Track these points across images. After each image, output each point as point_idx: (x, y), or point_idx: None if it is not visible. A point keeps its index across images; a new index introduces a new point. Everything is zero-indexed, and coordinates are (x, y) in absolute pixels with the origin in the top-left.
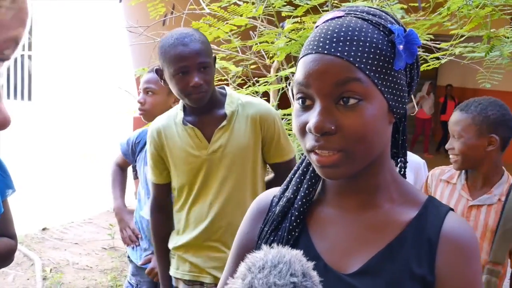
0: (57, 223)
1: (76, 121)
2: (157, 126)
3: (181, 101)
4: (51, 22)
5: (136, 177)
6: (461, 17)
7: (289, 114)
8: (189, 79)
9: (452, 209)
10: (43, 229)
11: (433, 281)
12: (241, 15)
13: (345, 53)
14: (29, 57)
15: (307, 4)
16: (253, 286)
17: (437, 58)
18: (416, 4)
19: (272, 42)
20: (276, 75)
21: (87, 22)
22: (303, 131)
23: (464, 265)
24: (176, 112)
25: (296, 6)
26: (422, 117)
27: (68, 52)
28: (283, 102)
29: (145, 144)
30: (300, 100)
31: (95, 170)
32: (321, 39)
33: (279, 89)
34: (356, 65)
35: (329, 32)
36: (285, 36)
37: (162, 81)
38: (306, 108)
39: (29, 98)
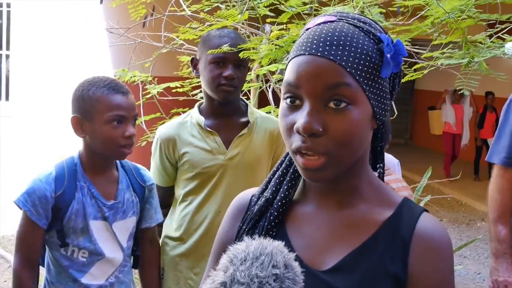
0: None
1: (54, 121)
2: (169, 133)
3: (196, 105)
4: (30, 21)
5: (65, 243)
6: (441, 26)
7: (268, 112)
8: (224, 69)
9: (427, 210)
10: None
11: (406, 279)
12: (226, 19)
13: (338, 57)
14: (7, 56)
15: (292, 10)
16: (235, 278)
17: (418, 68)
18: (395, 9)
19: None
20: (254, 73)
21: (66, 22)
22: (290, 131)
23: (435, 265)
24: (190, 116)
25: (281, 12)
26: (451, 131)
27: (47, 52)
28: (260, 101)
29: (75, 191)
30: (289, 100)
31: None
32: (314, 41)
33: (258, 88)
34: (348, 70)
35: (322, 35)
36: (270, 42)
37: (194, 71)
38: (294, 108)
39: (7, 98)
